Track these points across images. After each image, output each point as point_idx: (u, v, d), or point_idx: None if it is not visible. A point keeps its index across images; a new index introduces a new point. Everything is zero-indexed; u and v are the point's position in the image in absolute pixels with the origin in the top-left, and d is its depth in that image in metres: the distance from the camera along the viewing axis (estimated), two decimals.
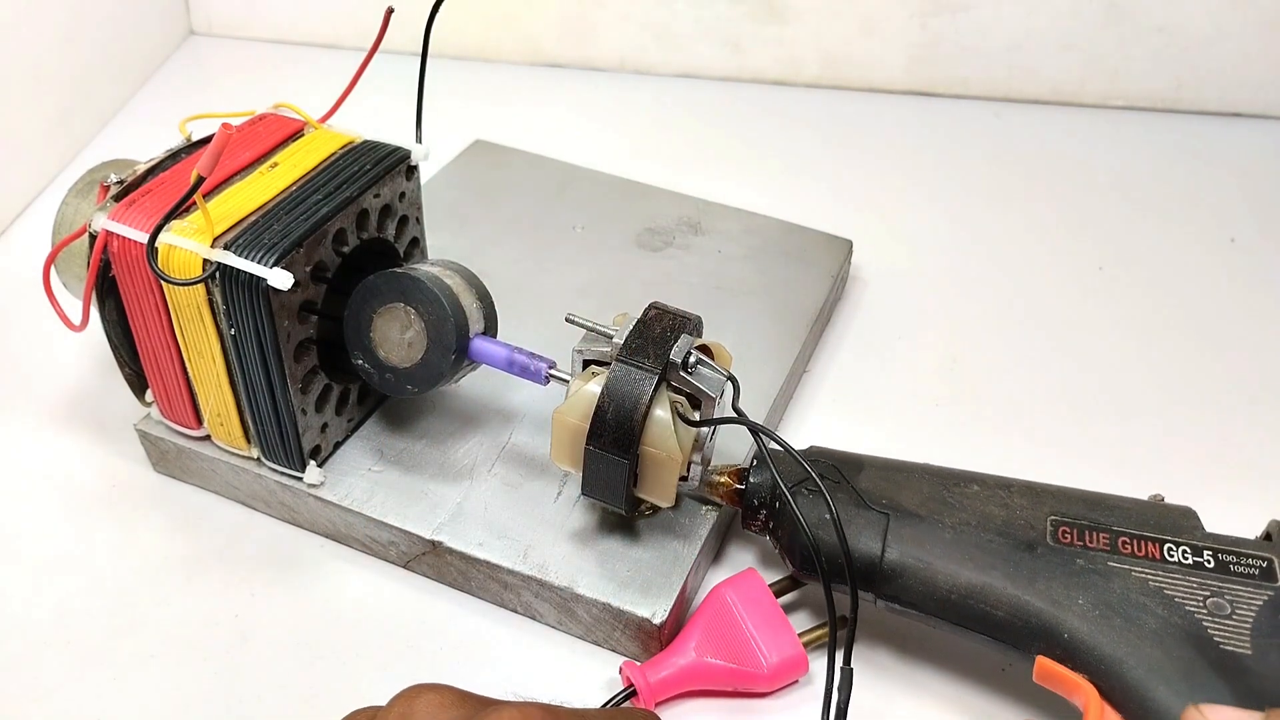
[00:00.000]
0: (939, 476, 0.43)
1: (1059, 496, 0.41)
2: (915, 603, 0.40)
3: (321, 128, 0.49)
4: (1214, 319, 0.63)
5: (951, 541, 0.40)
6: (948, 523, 0.41)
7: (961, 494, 0.42)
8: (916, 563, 0.40)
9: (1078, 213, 0.72)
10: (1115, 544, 0.39)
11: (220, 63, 0.88)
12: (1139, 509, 0.40)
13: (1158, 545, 0.39)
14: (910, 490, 0.42)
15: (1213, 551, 0.38)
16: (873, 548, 0.41)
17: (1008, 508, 0.41)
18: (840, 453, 0.44)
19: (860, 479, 0.42)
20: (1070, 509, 0.40)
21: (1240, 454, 0.54)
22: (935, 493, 0.42)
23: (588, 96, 0.84)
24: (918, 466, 0.43)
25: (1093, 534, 0.39)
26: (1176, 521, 0.40)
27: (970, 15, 0.80)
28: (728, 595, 0.43)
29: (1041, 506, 0.41)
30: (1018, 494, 0.41)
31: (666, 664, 0.42)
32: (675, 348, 0.41)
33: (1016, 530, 0.40)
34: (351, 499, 0.47)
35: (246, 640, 0.45)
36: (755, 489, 0.44)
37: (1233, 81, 0.80)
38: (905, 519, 0.41)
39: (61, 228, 0.49)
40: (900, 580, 0.40)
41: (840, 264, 0.61)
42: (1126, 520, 0.40)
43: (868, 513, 0.41)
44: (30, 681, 0.43)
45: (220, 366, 0.45)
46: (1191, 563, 0.38)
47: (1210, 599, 0.37)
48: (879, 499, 0.42)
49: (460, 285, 0.45)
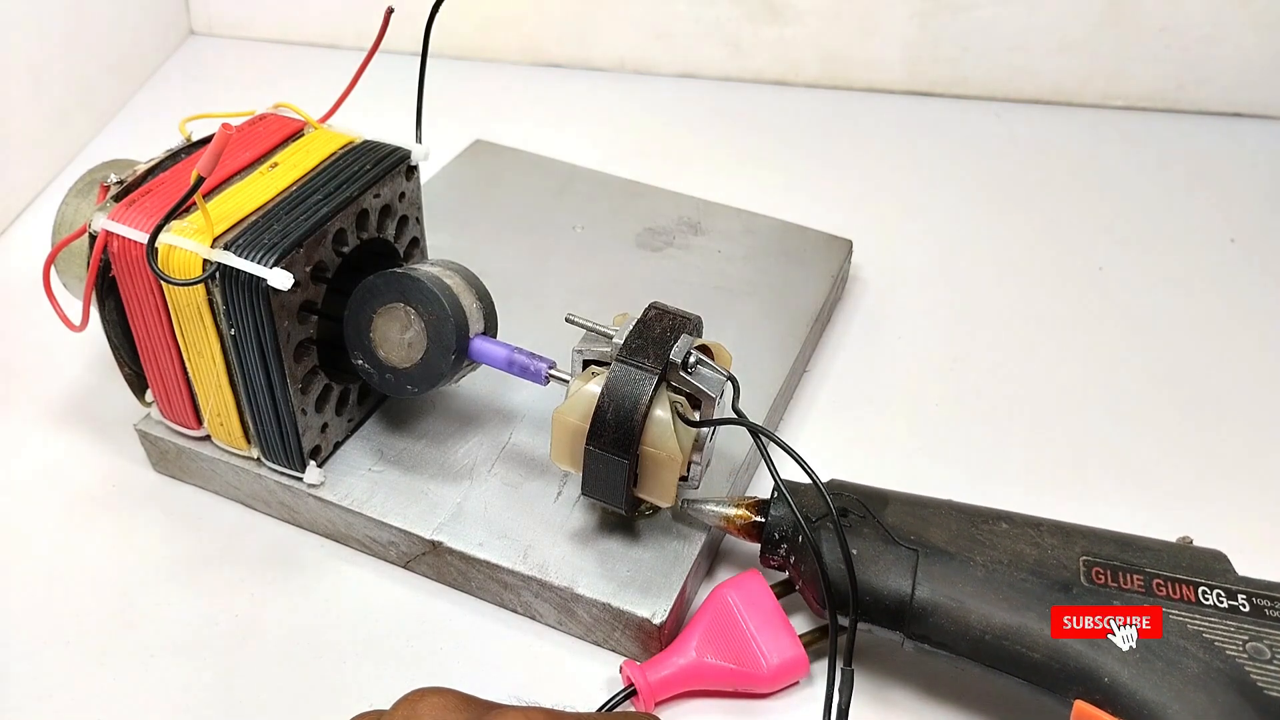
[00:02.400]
0: (965, 513, 0.41)
1: (1089, 536, 0.40)
2: (947, 643, 0.39)
3: (321, 128, 0.49)
4: (1214, 319, 0.63)
5: (984, 580, 0.39)
6: (979, 561, 0.39)
7: (990, 531, 0.40)
8: (949, 601, 0.39)
9: (1078, 213, 0.72)
10: (1150, 586, 0.38)
11: (220, 63, 0.88)
12: (1170, 551, 0.39)
13: (1192, 588, 0.38)
14: (938, 526, 0.41)
15: (1246, 595, 0.37)
16: (902, 586, 0.39)
17: (1039, 547, 0.40)
18: (864, 486, 0.43)
19: (886, 514, 0.41)
20: (1102, 549, 0.39)
21: (1240, 453, 0.54)
22: (964, 529, 0.40)
23: (588, 96, 0.84)
24: (943, 503, 0.42)
25: (1126, 575, 0.38)
26: (1209, 564, 0.39)
27: (970, 15, 0.80)
28: (729, 596, 0.43)
29: (1073, 546, 0.40)
30: (1048, 533, 0.40)
31: (667, 663, 0.42)
32: (675, 348, 0.41)
33: (1050, 570, 0.39)
34: (351, 499, 0.47)
35: (246, 640, 0.45)
36: (777, 523, 0.42)
37: (1233, 81, 0.80)
38: (935, 556, 0.40)
39: (61, 228, 0.49)
40: (931, 619, 0.39)
41: (840, 264, 0.61)
42: (1159, 562, 0.39)
43: (896, 549, 0.40)
44: (30, 681, 0.43)
45: (220, 366, 0.45)
46: (1227, 606, 0.37)
47: (1249, 643, 0.36)
48: (907, 535, 0.40)
49: (460, 285, 0.45)
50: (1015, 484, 0.51)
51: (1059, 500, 0.45)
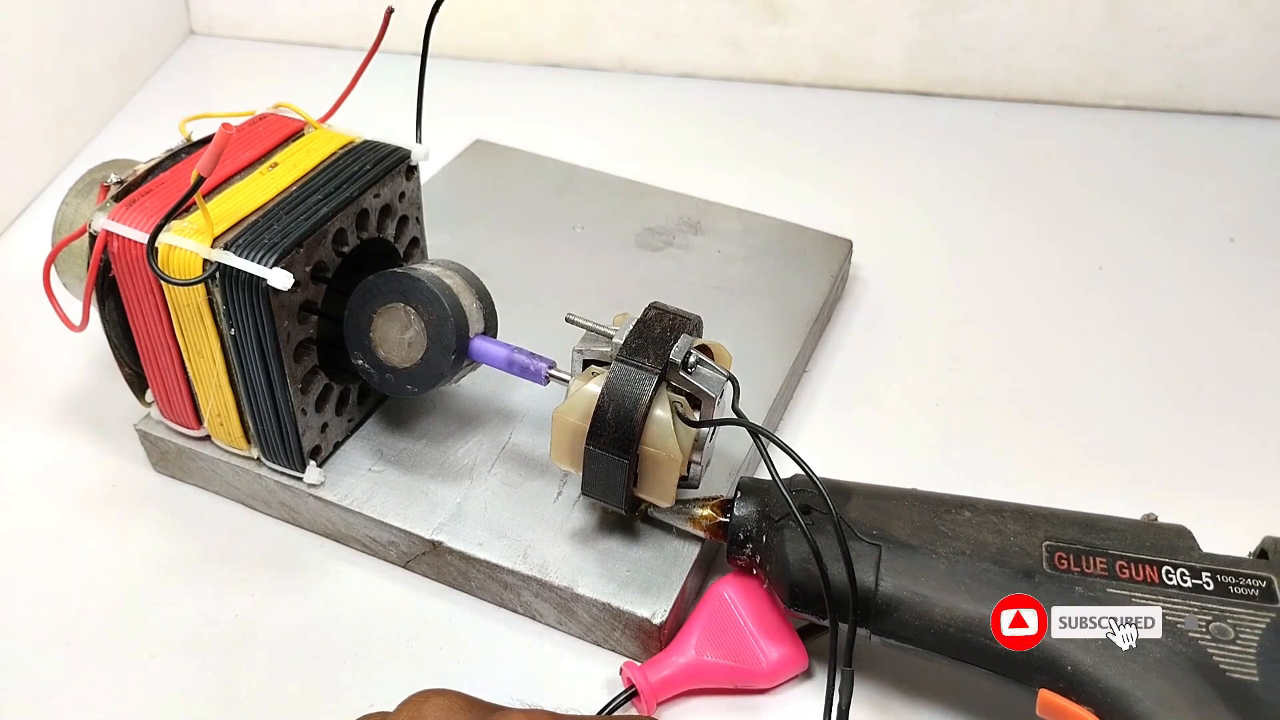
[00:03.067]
0: (929, 503, 0.41)
1: (1052, 520, 0.40)
2: (912, 637, 0.39)
3: (321, 128, 0.49)
4: (1214, 319, 0.63)
5: (946, 572, 0.38)
6: (942, 553, 0.39)
7: (953, 521, 0.40)
8: (912, 596, 0.38)
9: (1078, 213, 0.72)
10: (1113, 568, 0.37)
11: (220, 63, 0.88)
12: (1134, 530, 0.39)
13: (1155, 568, 0.37)
14: (901, 519, 0.40)
15: (1211, 573, 0.37)
16: (866, 581, 0.39)
17: (1002, 534, 0.39)
18: (827, 481, 0.42)
19: (849, 508, 0.41)
20: (1064, 533, 0.39)
21: (1239, 453, 0.54)
22: (927, 521, 0.40)
23: (588, 96, 0.84)
24: (906, 493, 0.42)
25: (1089, 559, 0.38)
26: (1172, 542, 0.38)
27: (970, 15, 0.80)
28: (726, 592, 0.43)
29: (1036, 532, 0.39)
30: (1010, 519, 0.40)
31: (667, 663, 0.42)
32: (675, 348, 0.41)
33: (1012, 558, 0.38)
34: (351, 499, 0.47)
35: (246, 640, 0.45)
36: (740, 523, 0.42)
37: (1233, 81, 0.80)
38: (898, 550, 0.39)
39: (61, 228, 0.49)
40: (896, 615, 0.39)
41: (840, 264, 0.61)
42: (1122, 543, 0.38)
43: (858, 545, 0.39)
44: (30, 681, 0.43)
45: (220, 366, 0.45)
46: (1190, 585, 0.37)
47: (1213, 623, 0.36)
48: (869, 530, 0.40)
49: (460, 285, 0.45)
50: (1015, 484, 0.51)
51: (1058, 500, 0.44)
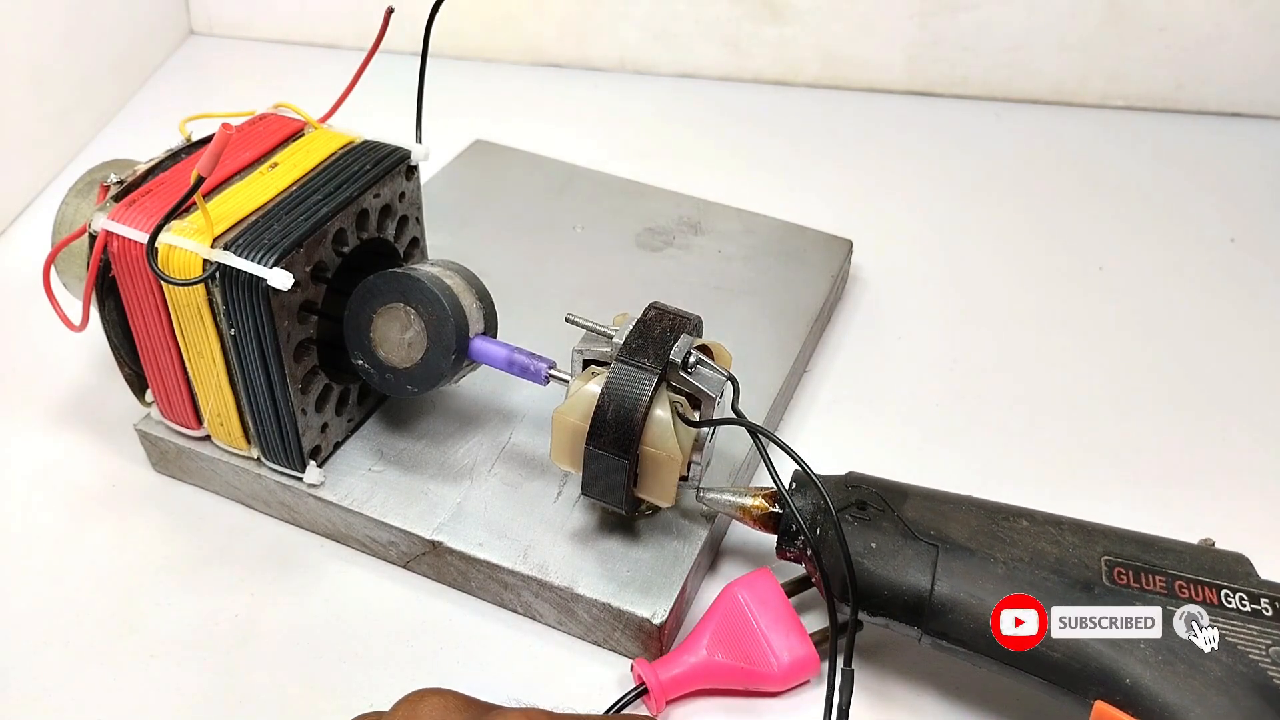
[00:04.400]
0: (985, 509, 0.41)
1: (1111, 536, 0.40)
2: (965, 640, 0.38)
3: (321, 128, 0.49)
4: (1214, 319, 0.63)
5: (1004, 577, 0.38)
6: (1000, 558, 0.39)
7: (1011, 529, 0.40)
8: (969, 598, 0.38)
9: (1078, 213, 0.72)
10: (1172, 587, 0.37)
11: (220, 63, 0.88)
12: (1192, 552, 0.39)
13: (1214, 591, 0.37)
14: (958, 522, 0.40)
15: (1269, 599, 0.37)
16: (921, 581, 0.39)
17: (1060, 545, 0.39)
18: (882, 480, 0.42)
19: (905, 508, 0.41)
20: (1123, 549, 0.39)
21: (1240, 453, 0.54)
22: (984, 526, 0.40)
23: (588, 96, 0.84)
24: (963, 499, 0.42)
25: (1149, 576, 0.38)
26: (1231, 567, 0.38)
27: (970, 15, 0.80)
28: (740, 594, 0.43)
29: (1094, 546, 0.39)
30: (1069, 531, 0.40)
31: (678, 662, 0.42)
32: (675, 348, 0.41)
33: (1071, 569, 0.38)
34: (351, 499, 0.47)
35: (246, 640, 0.45)
36: (796, 515, 0.41)
37: (1233, 81, 0.80)
38: (955, 552, 0.39)
39: (61, 228, 0.49)
40: (950, 616, 0.38)
41: (840, 264, 0.61)
42: (1180, 563, 0.38)
43: (915, 544, 0.39)
44: (30, 681, 0.43)
45: (220, 366, 0.45)
46: (1250, 610, 0.36)
47: (1272, 648, 0.36)
48: (926, 530, 0.40)
49: (460, 285, 0.45)
50: (1015, 484, 0.51)
51: (1059, 500, 0.44)
